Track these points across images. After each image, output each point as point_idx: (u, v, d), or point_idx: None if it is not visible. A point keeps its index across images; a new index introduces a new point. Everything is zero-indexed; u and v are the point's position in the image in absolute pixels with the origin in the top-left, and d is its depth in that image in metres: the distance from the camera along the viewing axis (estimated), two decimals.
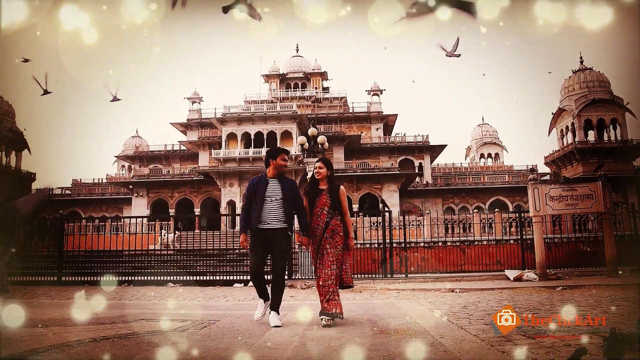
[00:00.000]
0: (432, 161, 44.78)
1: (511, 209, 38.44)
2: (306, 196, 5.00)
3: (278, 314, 4.67)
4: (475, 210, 33.57)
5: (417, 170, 41.75)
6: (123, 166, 52.22)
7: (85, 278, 11.51)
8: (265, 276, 4.90)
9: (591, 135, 40.42)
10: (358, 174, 37.11)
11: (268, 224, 4.76)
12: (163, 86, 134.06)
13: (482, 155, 56.56)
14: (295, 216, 4.94)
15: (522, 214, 13.72)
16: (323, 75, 49.68)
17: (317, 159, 5.31)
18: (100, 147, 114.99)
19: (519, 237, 13.29)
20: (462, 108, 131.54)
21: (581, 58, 41.34)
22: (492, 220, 17.98)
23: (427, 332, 4.12)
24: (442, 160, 48.70)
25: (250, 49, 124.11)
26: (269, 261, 4.94)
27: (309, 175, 5.23)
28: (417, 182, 41.82)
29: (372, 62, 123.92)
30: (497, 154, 56.48)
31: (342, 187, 5.01)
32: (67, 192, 46.02)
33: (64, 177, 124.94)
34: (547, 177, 41.52)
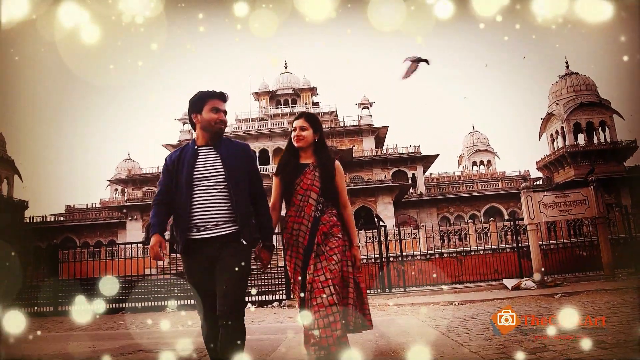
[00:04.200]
0: (425, 171, 44.90)
1: (506, 216, 38.58)
2: (278, 176, 3.07)
3: None
4: (470, 220, 33.58)
5: (410, 181, 41.85)
6: (116, 190, 51.93)
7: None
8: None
9: (581, 139, 40.77)
10: (352, 187, 37.09)
11: (205, 230, 2.69)
12: (153, 108, 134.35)
13: (474, 163, 56.80)
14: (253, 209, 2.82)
15: (517, 222, 13.73)
16: (312, 91, 49.94)
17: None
18: (92, 171, 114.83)
19: (515, 245, 13.30)
20: (453, 117, 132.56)
21: (567, 63, 41.89)
22: (488, 229, 18.01)
23: (428, 351, 4.10)
24: (435, 169, 48.84)
25: (239, 68, 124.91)
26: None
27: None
28: (411, 192, 41.91)
29: (360, 75, 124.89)
30: (489, 161, 56.75)
31: (337, 162, 3.07)
32: (61, 218, 45.73)
33: (56, 203, 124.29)
34: (540, 182, 41.78)
